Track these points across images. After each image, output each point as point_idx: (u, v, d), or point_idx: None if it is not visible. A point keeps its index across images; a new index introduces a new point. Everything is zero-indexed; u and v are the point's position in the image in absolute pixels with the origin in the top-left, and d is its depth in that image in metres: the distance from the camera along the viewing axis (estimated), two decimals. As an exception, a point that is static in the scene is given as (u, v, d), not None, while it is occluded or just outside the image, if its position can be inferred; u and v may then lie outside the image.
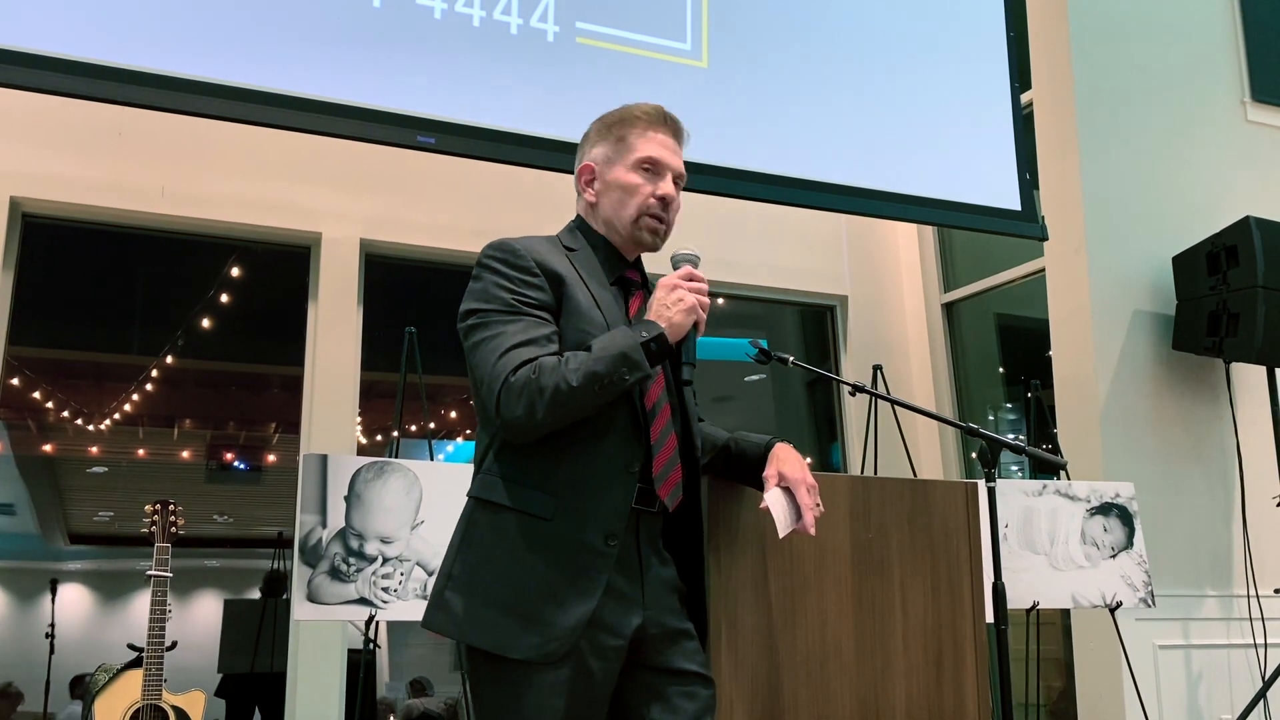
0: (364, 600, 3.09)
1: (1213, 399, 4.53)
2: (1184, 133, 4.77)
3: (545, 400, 1.69)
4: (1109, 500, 3.76)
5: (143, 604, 3.39)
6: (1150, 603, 3.73)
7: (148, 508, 3.44)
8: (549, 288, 1.81)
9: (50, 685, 6.27)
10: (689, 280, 1.80)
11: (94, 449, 7.42)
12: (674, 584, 1.86)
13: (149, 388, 6.37)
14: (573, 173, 2.00)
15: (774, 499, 1.89)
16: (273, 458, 7.57)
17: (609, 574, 1.72)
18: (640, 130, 1.93)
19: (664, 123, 1.95)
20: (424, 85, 3.65)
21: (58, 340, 5.95)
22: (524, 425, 1.72)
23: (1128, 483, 3.83)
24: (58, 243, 4.44)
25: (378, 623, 3.20)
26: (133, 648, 3.40)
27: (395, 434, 3.87)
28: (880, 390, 3.75)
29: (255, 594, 5.51)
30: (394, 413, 3.89)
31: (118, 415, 6.77)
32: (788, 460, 1.94)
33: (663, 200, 1.89)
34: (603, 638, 1.73)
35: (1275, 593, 4.30)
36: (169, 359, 5.90)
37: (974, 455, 3.45)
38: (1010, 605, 2.81)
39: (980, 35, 4.67)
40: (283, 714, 4.12)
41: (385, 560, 3.13)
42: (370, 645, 3.30)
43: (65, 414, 6.74)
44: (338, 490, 3.13)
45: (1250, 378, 4.57)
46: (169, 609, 3.35)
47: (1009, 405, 5.64)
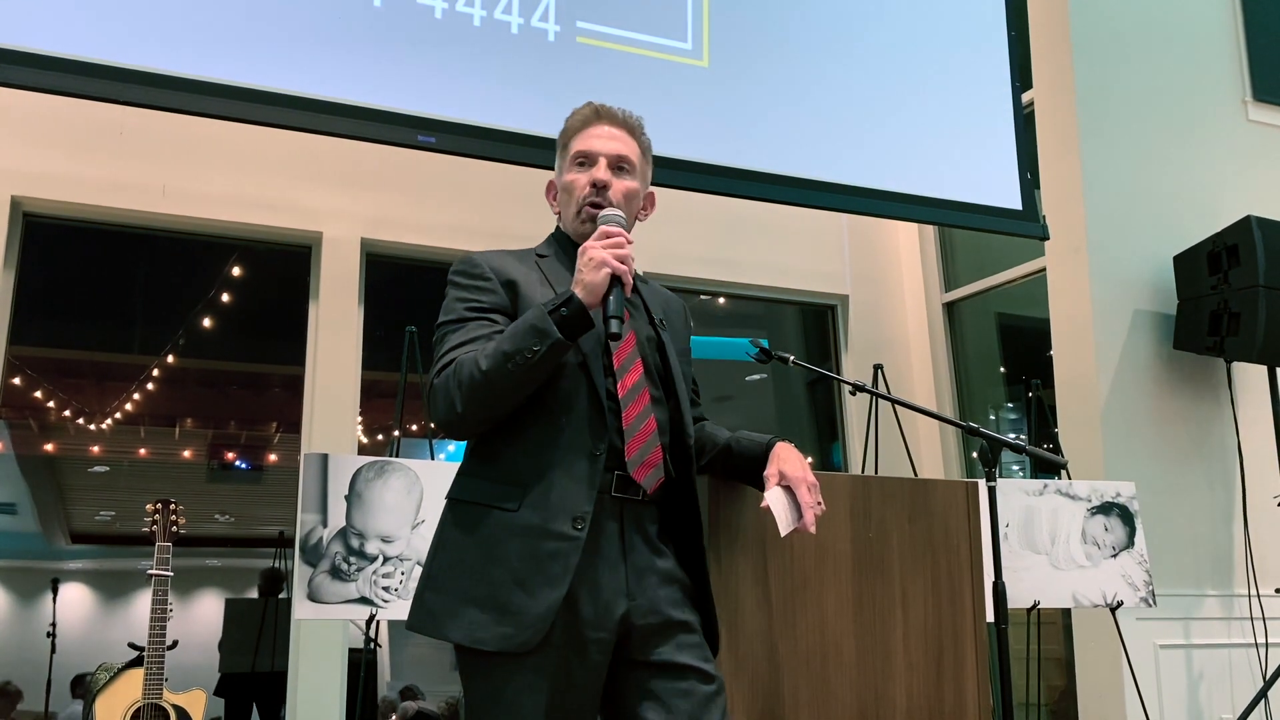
0: (365, 599, 3.09)
1: (1214, 398, 4.53)
2: (1185, 132, 4.77)
3: (462, 392, 1.71)
4: (1110, 500, 3.76)
5: (144, 603, 3.39)
6: (1151, 602, 3.73)
7: (149, 507, 3.44)
8: (502, 291, 1.85)
9: (51, 684, 6.27)
10: (604, 239, 1.76)
11: (95, 448, 7.42)
12: (671, 575, 1.82)
13: (150, 387, 6.37)
14: None
15: (774, 498, 1.89)
16: (274, 457, 7.57)
17: (577, 558, 1.69)
18: (575, 132, 1.98)
19: (597, 118, 1.97)
20: (425, 84, 3.65)
21: (59, 340, 5.95)
22: (449, 422, 1.75)
23: (1129, 482, 3.83)
24: (59, 242, 4.44)
25: (378, 622, 3.20)
26: (134, 647, 3.40)
27: (396, 433, 3.88)
28: (881, 390, 3.76)
29: (255, 593, 5.51)
30: (395, 412, 3.89)
31: (119, 414, 6.77)
32: (788, 459, 1.93)
33: (595, 186, 1.91)
34: (583, 630, 1.71)
35: (1276, 592, 4.30)
36: (170, 358, 5.90)
37: (975, 455, 3.45)
38: (1011, 605, 2.81)
39: (981, 34, 4.67)
40: (283, 713, 4.12)
41: (386, 559, 3.13)
42: (371, 644, 3.30)
43: (66, 413, 6.74)
44: (339, 489, 3.13)
45: (1251, 377, 4.56)
46: (170, 608, 3.35)
47: (1010, 405, 5.64)
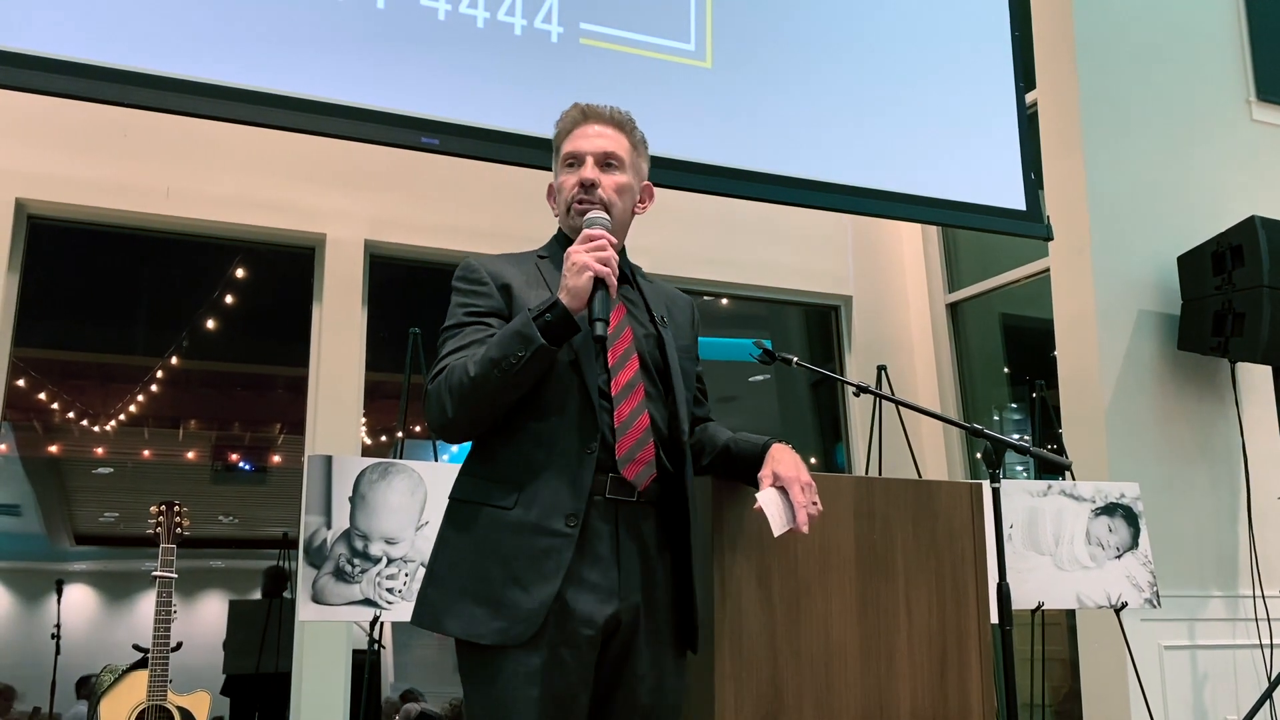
0: (369, 601, 3.09)
1: (1218, 399, 4.53)
2: (1189, 132, 4.76)
3: (453, 397, 1.76)
4: (1114, 500, 3.75)
5: (148, 605, 3.40)
6: (1155, 603, 3.73)
7: (153, 509, 3.44)
8: (498, 295, 1.88)
9: (56, 685, 6.27)
10: (586, 242, 1.79)
11: (99, 450, 7.41)
12: (662, 578, 1.85)
13: (154, 389, 6.37)
14: None
15: (767, 499, 1.88)
16: (278, 458, 7.56)
17: (570, 555, 1.73)
18: (564, 135, 2.00)
19: (584, 118, 1.99)
20: (428, 86, 3.65)
21: (63, 341, 5.95)
22: (442, 426, 1.81)
23: (1133, 483, 3.82)
24: (63, 244, 4.44)
25: (382, 623, 3.20)
26: (138, 648, 3.40)
27: (400, 435, 3.88)
28: (884, 391, 3.75)
29: (259, 594, 5.50)
30: (398, 413, 3.89)
31: (123, 416, 6.77)
32: (782, 460, 1.93)
33: (582, 185, 1.92)
34: (575, 627, 1.74)
35: (1281, 593, 4.30)
36: (174, 360, 5.90)
37: (979, 456, 3.45)
38: (1015, 606, 2.81)
39: (985, 35, 4.66)
40: (288, 715, 4.12)
41: (390, 561, 3.13)
42: (375, 646, 3.30)
43: (70, 415, 6.74)
44: (342, 491, 3.13)
45: (1256, 377, 4.56)
46: (174, 610, 3.35)
47: (1013, 405, 5.63)
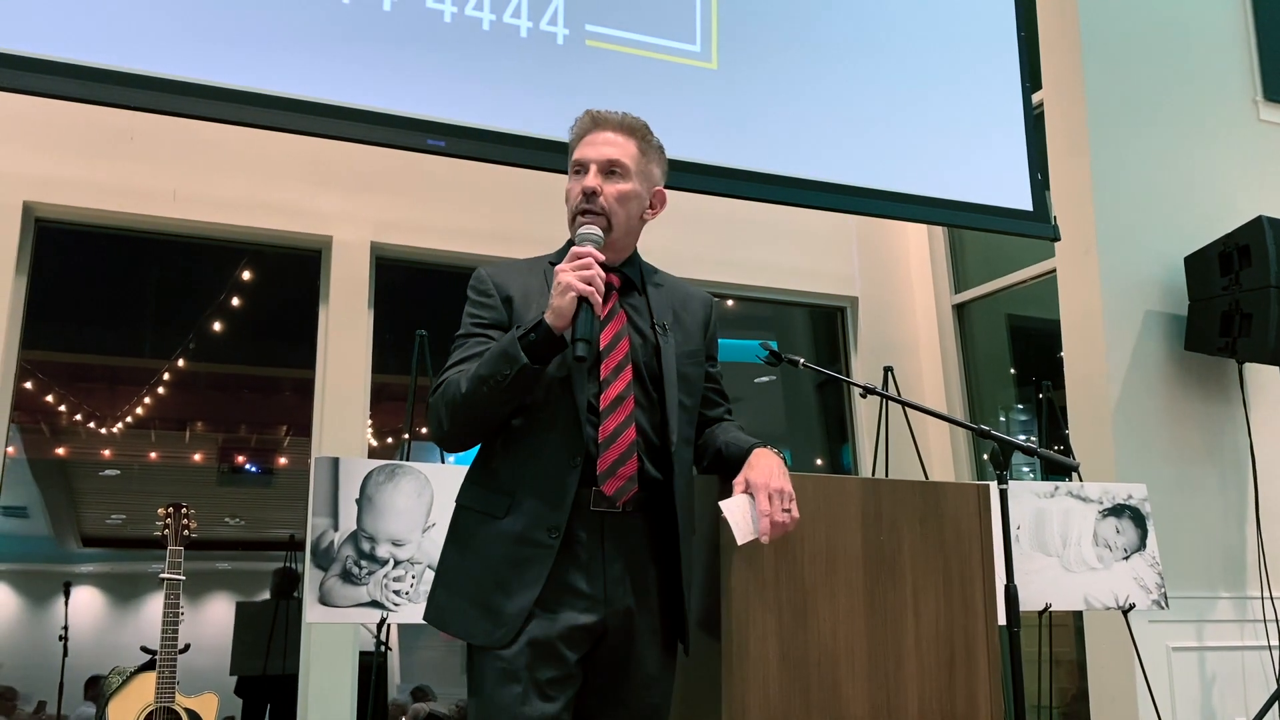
0: (376, 603, 3.10)
1: (1226, 400, 4.51)
2: (1196, 132, 4.75)
3: (448, 412, 1.84)
4: (1121, 502, 3.74)
5: (155, 606, 3.40)
6: (1163, 604, 3.72)
7: (161, 510, 3.45)
8: (501, 307, 1.92)
9: (64, 687, 6.29)
10: (573, 261, 1.81)
11: (106, 452, 7.44)
12: (654, 584, 1.89)
13: (161, 391, 6.39)
14: None
15: (731, 506, 1.86)
16: (284, 460, 7.58)
17: (551, 563, 1.78)
18: (575, 142, 2.01)
19: (593, 125, 2.00)
20: (434, 88, 3.66)
21: (70, 344, 5.97)
22: (442, 438, 1.89)
23: (1140, 484, 3.81)
24: (70, 247, 4.45)
25: (389, 625, 3.20)
26: (146, 650, 3.41)
27: (406, 436, 3.88)
28: (891, 392, 3.74)
29: (266, 596, 5.51)
30: (405, 415, 3.89)
31: (130, 418, 6.79)
32: (757, 465, 1.91)
33: (584, 193, 1.93)
34: (555, 632, 1.78)
35: (1289, 594, 4.28)
36: (180, 362, 5.91)
37: (985, 457, 3.44)
38: (1023, 607, 2.80)
39: (991, 35, 4.66)
40: (295, 716, 4.13)
41: (397, 563, 3.14)
42: (382, 648, 3.30)
43: (78, 417, 6.76)
44: (349, 493, 3.13)
45: (1263, 378, 4.55)
46: (182, 612, 3.36)
47: (1020, 406, 5.63)
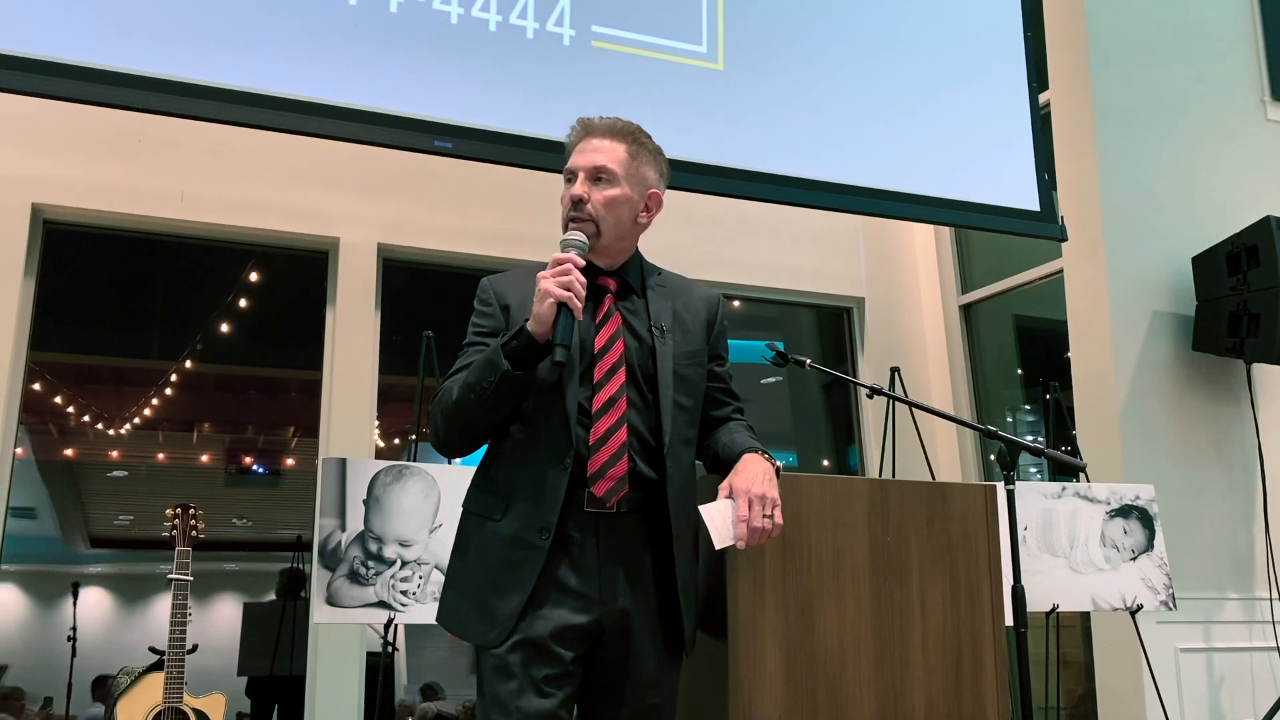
0: (383, 603, 3.10)
1: (1233, 400, 4.50)
2: (1203, 132, 4.74)
3: (442, 419, 1.91)
4: (1129, 502, 3.74)
5: (162, 607, 3.41)
6: (1171, 605, 3.71)
7: (169, 511, 3.46)
8: (499, 316, 1.96)
9: (72, 687, 6.31)
10: (553, 267, 1.83)
11: (114, 453, 7.45)
12: (651, 583, 1.90)
13: (168, 392, 6.41)
14: None
15: (710, 510, 1.85)
16: (291, 461, 7.59)
17: (541, 565, 1.81)
18: (568, 151, 2.02)
19: (584, 133, 2.01)
20: (441, 90, 3.66)
21: (78, 345, 5.98)
22: (440, 444, 1.94)
23: (1148, 485, 3.81)
24: (78, 249, 4.47)
25: (396, 626, 3.21)
26: (154, 651, 3.42)
27: (413, 437, 3.89)
28: (897, 392, 3.74)
29: (273, 596, 5.52)
30: (412, 416, 3.90)
31: (137, 420, 6.80)
32: (742, 471, 1.90)
33: (572, 201, 1.96)
34: (548, 632, 1.80)
35: (1298, 595, 4.27)
36: (188, 363, 5.93)
37: (992, 457, 3.44)
38: (1030, 608, 2.80)
39: (997, 35, 4.65)
40: (302, 717, 4.13)
41: (404, 563, 3.14)
42: (389, 648, 3.31)
43: (86, 418, 6.78)
44: (356, 494, 3.14)
45: (1272, 378, 4.53)
46: (189, 612, 3.37)
47: (1027, 407, 5.62)
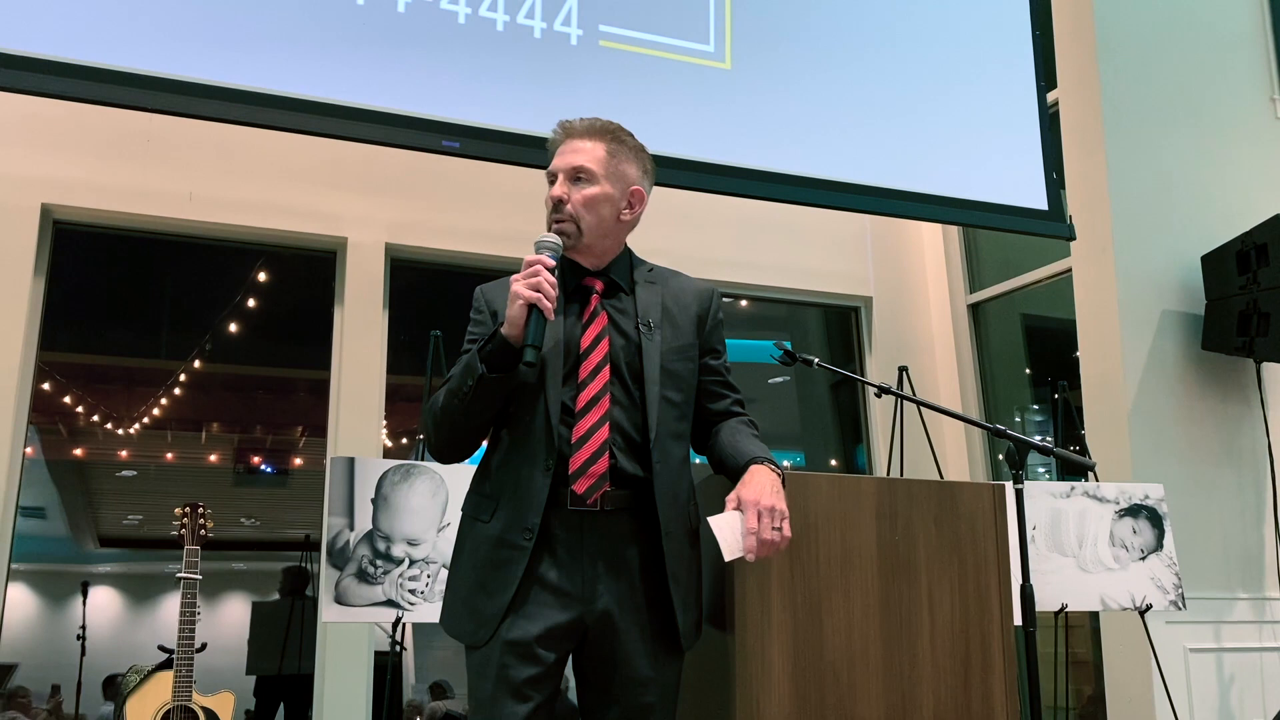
0: (391, 602, 3.11)
1: (1243, 399, 4.49)
2: (1212, 130, 4.72)
3: (432, 424, 1.95)
4: (1138, 502, 3.73)
5: (171, 606, 3.42)
6: (1181, 605, 3.70)
7: (177, 510, 3.47)
8: (490, 322, 1.98)
9: (82, 686, 6.34)
10: (525, 269, 1.84)
11: (123, 453, 7.48)
12: (635, 584, 1.90)
13: (177, 392, 6.43)
14: None
15: (720, 523, 1.84)
16: (299, 461, 7.61)
17: (524, 565, 1.84)
18: (550, 155, 2.03)
19: (564, 135, 2.03)
20: (448, 90, 3.67)
21: (87, 345, 6.01)
22: (433, 450, 1.98)
23: (1157, 484, 3.80)
24: (87, 249, 4.49)
25: (404, 624, 3.21)
26: (163, 649, 3.43)
27: (421, 437, 3.89)
28: (906, 392, 3.74)
29: (276, 596, 5.53)
30: (419, 416, 3.91)
31: (146, 419, 6.83)
32: (748, 482, 1.89)
33: (552, 202, 1.98)
34: (531, 630, 1.82)
35: (1308, 595, 4.26)
36: (197, 363, 5.95)
37: (1001, 457, 3.43)
38: (1038, 608, 2.80)
39: (1005, 34, 4.64)
40: (310, 715, 4.14)
41: (412, 562, 3.15)
42: (397, 647, 3.31)
43: (95, 418, 6.81)
44: (365, 493, 3.15)
45: (1281, 377, 4.52)
46: (198, 611, 3.38)
47: (1036, 406, 5.60)
